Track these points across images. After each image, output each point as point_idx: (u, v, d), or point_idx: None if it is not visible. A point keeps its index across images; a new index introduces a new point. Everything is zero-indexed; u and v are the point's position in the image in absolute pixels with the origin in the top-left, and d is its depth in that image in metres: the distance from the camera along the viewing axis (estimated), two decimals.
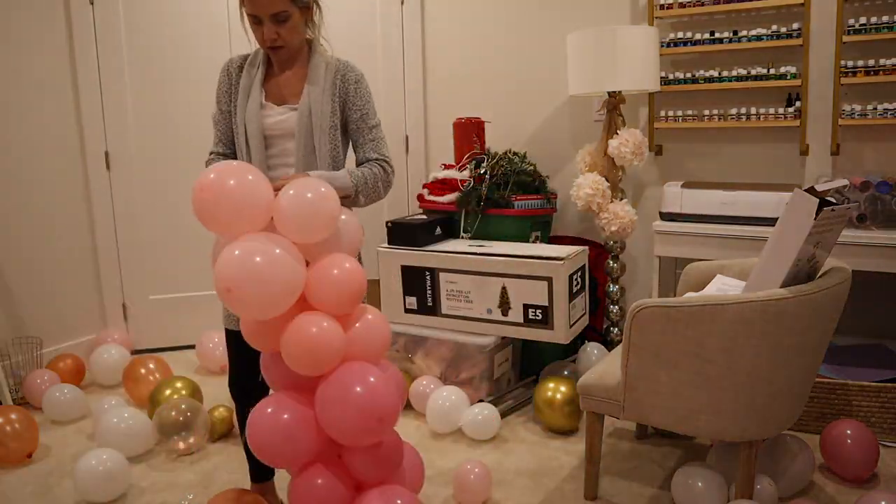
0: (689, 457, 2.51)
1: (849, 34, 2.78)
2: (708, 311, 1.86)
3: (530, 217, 3.15)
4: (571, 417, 2.68)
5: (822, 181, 2.84)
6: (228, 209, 1.53)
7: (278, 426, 1.61)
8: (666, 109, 3.28)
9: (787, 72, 2.96)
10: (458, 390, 2.77)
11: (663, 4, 3.15)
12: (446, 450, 2.63)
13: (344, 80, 1.91)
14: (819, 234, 1.89)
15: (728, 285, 2.33)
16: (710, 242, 2.85)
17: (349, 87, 1.91)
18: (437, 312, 3.03)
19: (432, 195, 3.27)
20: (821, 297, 1.86)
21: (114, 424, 2.61)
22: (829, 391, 2.54)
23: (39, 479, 2.52)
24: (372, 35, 3.84)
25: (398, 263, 3.08)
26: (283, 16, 1.79)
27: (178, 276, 3.78)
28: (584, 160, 3.16)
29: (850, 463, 2.26)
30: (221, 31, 3.65)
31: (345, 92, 1.91)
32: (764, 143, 3.14)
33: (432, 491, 2.34)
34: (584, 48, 2.94)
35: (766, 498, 2.06)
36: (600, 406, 2.16)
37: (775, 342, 1.84)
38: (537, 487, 2.34)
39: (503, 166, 3.15)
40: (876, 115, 2.79)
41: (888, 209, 2.63)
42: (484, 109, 3.77)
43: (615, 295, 3.22)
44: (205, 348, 3.48)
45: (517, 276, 2.81)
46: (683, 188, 2.95)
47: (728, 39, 3.04)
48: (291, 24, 1.82)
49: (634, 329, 1.98)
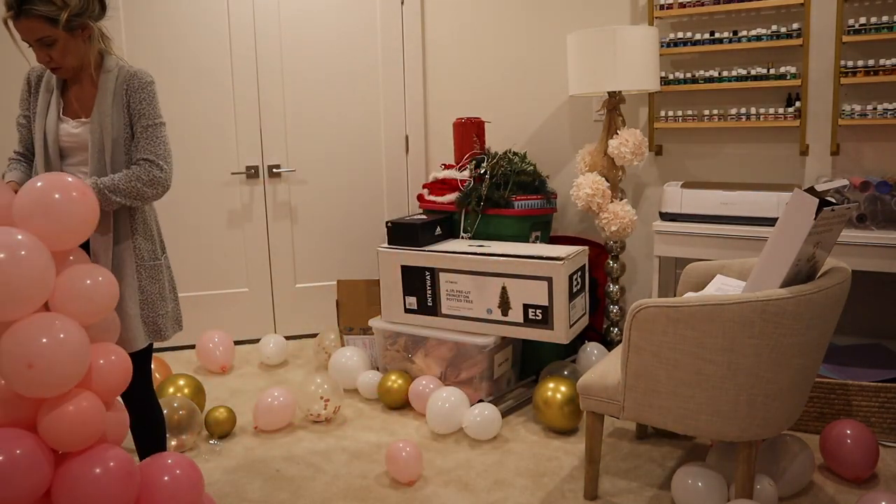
0: (689, 457, 2.51)
1: (849, 34, 2.78)
2: (708, 311, 1.86)
3: (530, 217, 3.15)
4: (571, 417, 2.68)
5: (822, 181, 2.84)
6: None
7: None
8: (666, 109, 3.28)
9: (787, 72, 2.96)
10: (458, 390, 2.77)
11: (663, 4, 3.15)
12: (447, 450, 2.63)
13: (129, 89, 1.92)
14: (819, 234, 1.89)
15: (728, 285, 2.33)
16: (710, 242, 2.85)
17: (132, 95, 1.92)
18: (437, 312, 3.03)
19: (432, 195, 3.28)
20: (821, 297, 1.86)
21: None
22: (829, 391, 2.54)
23: None
24: (372, 35, 3.84)
25: (398, 263, 3.08)
26: (47, 40, 1.81)
27: (178, 276, 3.78)
28: (584, 160, 3.16)
29: (850, 463, 2.26)
30: (222, 31, 3.65)
31: (129, 100, 1.92)
32: (764, 143, 3.14)
33: (432, 491, 2.34)
34: (584, 48, 2.95)
35: (766, 498, 2.06)
36: (600, 406, 2.16)
37: (775, 342, 1.84)
38: (537, 487, 2.34)
39: (503, 166, 3.15)
40: (876, 115, 2.79)
41: (888, 209, 2.63)
42: (484, 109, 3.77)
43: (615, 295, 3.22)
44: (205, 348, 3.48)
45: (517, 276, 2.81)
46: (683, 188, 2.95)
47: (728, 39, 3.04)
48: (61, 48, 1.83)
49: (634, 329, 1.98)
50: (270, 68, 3.72)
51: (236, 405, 3.08)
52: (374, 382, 3.06)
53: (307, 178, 3.86)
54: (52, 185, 1.61)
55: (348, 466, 2.52)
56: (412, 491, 2.35)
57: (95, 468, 1.60)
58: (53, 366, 1.51)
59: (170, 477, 1.74)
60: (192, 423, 2.66)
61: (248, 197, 3.80)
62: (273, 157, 3.79)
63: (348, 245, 3.98)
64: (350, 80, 3.84)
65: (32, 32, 1.80)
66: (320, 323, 3.96)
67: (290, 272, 3.90)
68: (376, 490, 2.36)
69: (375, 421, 2.90)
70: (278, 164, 3.79)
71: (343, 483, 2.41)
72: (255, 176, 3.78)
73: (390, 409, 3.00)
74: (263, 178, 3.80)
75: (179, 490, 1.73)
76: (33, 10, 1.76)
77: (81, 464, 1.60)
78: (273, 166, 3.78)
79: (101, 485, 1.59)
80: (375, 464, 2.53)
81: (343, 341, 3.45)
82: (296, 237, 3.89)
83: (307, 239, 3.91)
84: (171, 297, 2.07)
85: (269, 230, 3.85)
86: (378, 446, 2.67)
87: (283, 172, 3.81)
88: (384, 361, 3.19)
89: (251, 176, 3.77)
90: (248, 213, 3.81)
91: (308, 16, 3.74)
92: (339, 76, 3.82)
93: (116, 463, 1.63)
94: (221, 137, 3.72)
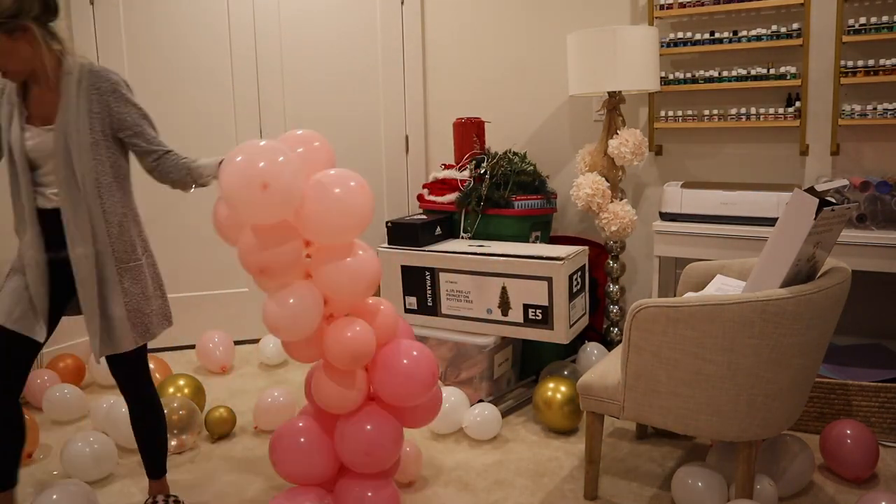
0: (689, 457, 2.51)
1: (849, 34, 2.78)
2: (708, 311, 1.86)
3: (530, 217, 3.15)
4: (571, 417, 2.68)
5: (822, 181, 2.84)
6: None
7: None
8: (666, 109, 3.28)
9: (787, 72, 2.96)
10: (458, 390, 2.77)
11: (663, 4, 3.15)
12: (447, 450, 2.63)
13: (99, 92, 1.86)
14: (819, 234, 1.89)
15: (728, 285, 2.33)
16: (710, 242, 2.85)
17: (110, 100, 1.87)
18: (437, 312, 3.03)
19: (432, 195, 3.28)
20: (820, 297, 1.86)
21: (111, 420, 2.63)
22: (829, 391, 2.54)
23: (39, 479, 2.52)
24: (372, 35, 3.84)
25: (398, 263, 3.08)
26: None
27: (178, 276, 3.78)
28: (584, 160, 3.16)
29: (850, 463, 2.26)
30: (222, 31, 3.65)
31: (105, 105, 1.87)
32: (764, 143, 3.14)
33: (432, 491, 2.34)
34: (584, 48, 2.95)
35: (766, 498, 2.06)
36: (600, 406, 2.16)
37: (775, 342, 1.84)
38: (537, 487, 2.34)
39: (503, 166, 3.15)
40: (876, 115, 2.79)
41: (888, 209, 2.63)
42: (484, 109, 3.77)
43: (615, 295, 3.22)
44: (205, 348, 3.48)
45: (517, 276, 2.81)
46: (683, 188, 2.95)
47: (728, 39, 3.04)
48: (4, 51, 1.75)
49: (634, 329, 1.98)
50: (270, 68, 3.72)
51: (236, 405, 3.08)
52: None
53: None
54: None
55: None
56: (412, 491, 2.35)
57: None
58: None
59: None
60: (192, 423, 2.66)
61: None
62: None
63: None
64: (350, 80, 3.84)
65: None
66: None
67: None
68: None
69: None
70: None
71: None
72: None
73: None
74: None
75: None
76: None
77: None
78: None
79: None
80: None
81: None
82: None
83: None
84: (156, 294, 2.06)
85: None
86: None
87: None
88: None
89: None
90: None
91: (308, 16, 3.74)
92: (339, 76, 3.82)
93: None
94: (221, 137, 3.72)
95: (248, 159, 1.73)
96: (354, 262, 1.89)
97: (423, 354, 2.04)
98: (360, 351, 1.90)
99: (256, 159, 1.72)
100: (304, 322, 1.86)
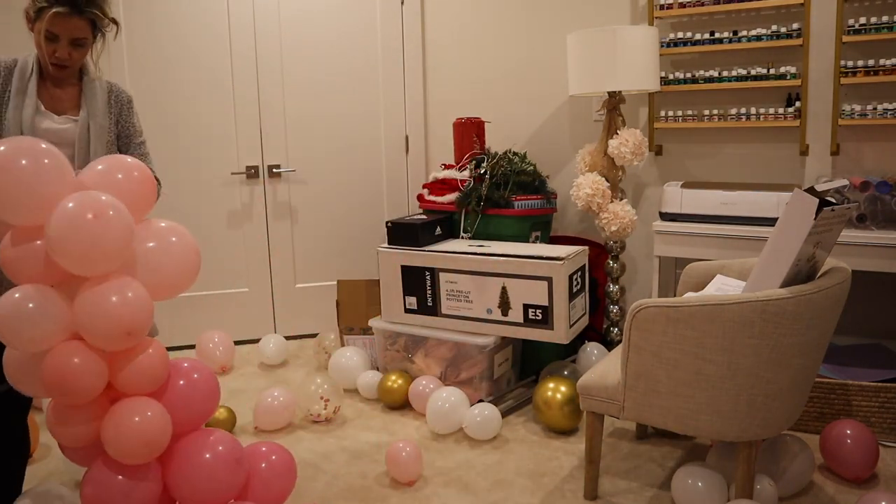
0: (689, 457, 2.51)
1: (849, 34, 2.78)
2: (708, 311, 1.86)
3: (530, 217, 3.15)
4: (571, 417, 2.68)
5: (822, 181, 2.84)
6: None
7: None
8: (666, 109, 3.28)
9: (787, 72, 2.96)
10: (458, 390, 2.77)
11: (663, 4, 3.15)
12: (447, 450, 2.63)
13: (118, 101, 2.09)
14: (819, 234, 1.89)
15: (728, 285, 2.33)
16: (710, 242, 2.85)
17: (122, 108, 2.10)
18: (437, 312, 3.03)
19: (432, 195, 3.28)
20: (820, 297, 1.86)
21: None
22: (829, 391, 2.54)
23: (39, 479, 2.52)
24: (372, 35, 3.84)
25: (398, 263, 3.08)
26: (82, 41, 1.91)
27: None
28: (584, 160, 3.16)
29: (850, 463, 2.26)
30: (222, 31, 3.65)
31: (118, 111, 2.09)
32: (764, 143, 3.14)
33: (432, 491, 2.34)
34: (584, 48, 2.95)
35: (766, 498, 2.06)
36: (600, 406, 2.16)
37: (775, 342, 1.84)
38: (537, 487, 2.34)
39: (503, 166, 3.15)
40: (876, 115, 2.79)
41: (888, 209, 2.63)
42: (484, 109, 3.77)
43: (615, 295, 3.22)
44: (205, 348, 3.48)
45: (517, 276, 2.81)
46: (683, 188, 2.95)
47: (728, 39, 3.04)
48: (85, 51, 1.95)
49: (634, 329, 1.98)
50: (270, 68, 3.72)
51: (236, 405, 3.08)
52: (374, 382, 3.06)
53: (307, 178, 3.86)
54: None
55: (348, 466, 2.52)
56: (412, 491, 2.35)
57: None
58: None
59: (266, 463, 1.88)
60: None
61: (248, 197, 3.80)
62: (273, 157, 3.79)
63: (348, 245, 3.98)
64: (350, 80, 3.84)
65: (76, 30, 1.87)
66: (320, 323, 3.96)
67: (290, 272, 3.90)
68: (376, 490, 2.36)
69: (375, 421, 2.90)
70: (278, 164, 3.79)
71: (343, 483, 2.41)
72: (255, 176, 3.78)
73: (390, 409, 3.00)
74: (263, 178, 3.80)
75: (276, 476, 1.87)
76: (90, 12, 1.88)
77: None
78: (273, 166, 3.78)
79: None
80: (375, 464, 2.53)
81: (343, 341, 3.45)
82: (296, 237, 3.89)
83: (307, 239, 3.91)
84: None
85: (269, 230, 3.85)
86: (378, 446, 2.67)
87: (283, 172, 3.81)
88: (384, 361, 3.19)
89: (251, 176, 3.77)
90: (248, 213, 3.81)
91: (308, 16, 3.74)
92: (339, 76, 3.82)
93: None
94: (221, 137, 3.72)
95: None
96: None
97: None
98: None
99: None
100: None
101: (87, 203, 1.54)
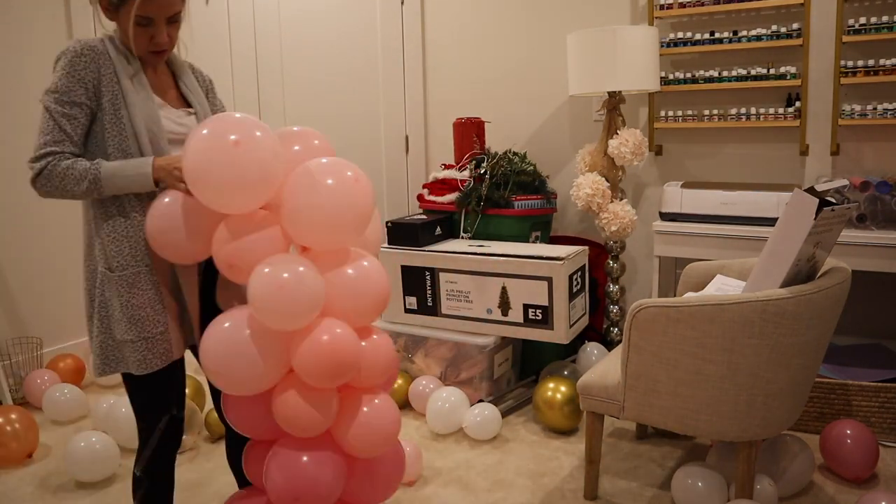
0: (689, 457, 2.51)
1: (849, 34, 2.78)
2: (708, 311, 1.86)
3: (530, 217, 3.15)
4: (571, 417, 2.68)
5: (822, 181, 2.84)
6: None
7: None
8: (666, 109, 3.28)
9: (787, 72, 2.96)
10: (458, 390, 2.77)
11: (663, 4, 3.15)
12: (447, 450, 2.63)
13: (204, 82, 1.89)
14: (819, 234, 1.89)
15: (728, 285, 2.33)
16: (710, 242, 2.85)
17: (209, 90, 1.89)
18: (437, 312, 3.03)
19: (432, 195, 3.28)
20: (820, 297, 1.86)
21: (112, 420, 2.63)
22: (829, 391, 2.54)
23: (39, 479, 2.52)
24: (372, 35, 3.84)
25: (398, 263, 3.08)
26: (177, 17, 1.65)
27: None
28: (584, 160, 3.16)
29: (850, 463, 2.26)
30: (222, 31, 3.65)
31: (205, 93, 1.87)
32: (764, 143, 3.14)
33: (432, 491, 2.34)
34: (584, 48, 2.95)
35: (766, 498, 2.06)
36: (600, 406, 2.16)
37: (775, 342, 1.84)
38: (537, 487, 2.34)
39: (503, 166, 3.15)
40: (876, 115, 2.79)
41: (888, 209, 2.63)
42: (484, 109, 3.77)
43: (615, 295, 3.22)
44: None
45: (517, 276, 2.81)
46: (683, 188, 2.95)
47: (728, 39, 3.04)
48: (179, 25, 1.68)
49: (634, 329, 1.98)
50: (270, 68, 3.73)
51: None
52: None
53: None
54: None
55: None
56: (412, 491, 2.35)
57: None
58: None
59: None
60: (192, 423, 2.66)
61: None
62: None
63: None
64: (350, 80, 3.84)
65: (170, 6, 1.61)
66: None
67: None
68: None
69: None
70: None
71: None
72: None
73: None
74: None
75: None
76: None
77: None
78: None
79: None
80: None
81: None
82: None
83: None
84: None
85: None
86: None
87: None
88: None
89: None
90: None
91: (308, 16, 3.74)
92: (339, 76, 3.83)
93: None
94: None
95: (217, 123, 1.51)
96: (356, 274, 1.61)
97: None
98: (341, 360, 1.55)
99: (225, 122, 1.51)
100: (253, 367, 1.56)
101: (344, 166, 1.58)
